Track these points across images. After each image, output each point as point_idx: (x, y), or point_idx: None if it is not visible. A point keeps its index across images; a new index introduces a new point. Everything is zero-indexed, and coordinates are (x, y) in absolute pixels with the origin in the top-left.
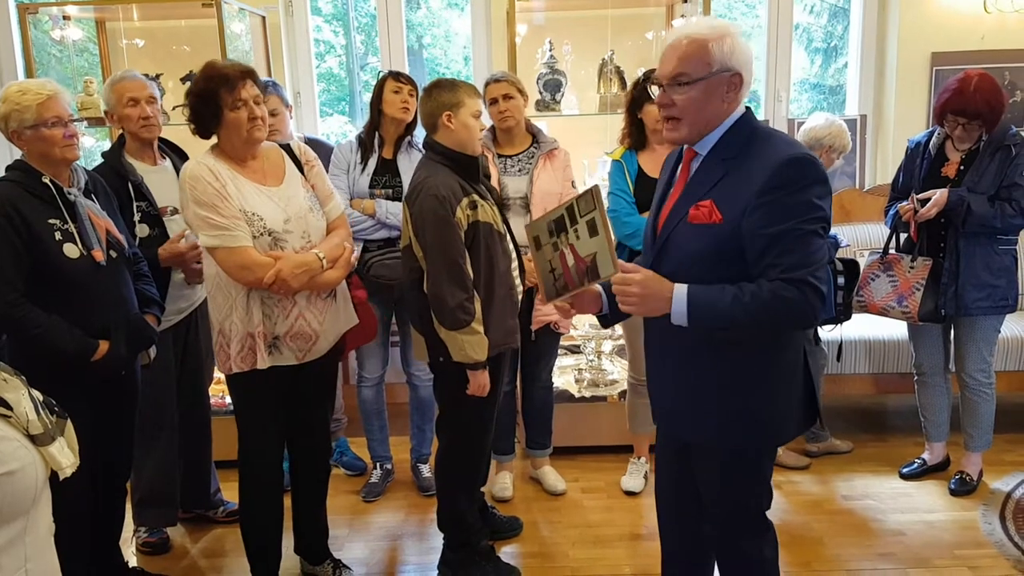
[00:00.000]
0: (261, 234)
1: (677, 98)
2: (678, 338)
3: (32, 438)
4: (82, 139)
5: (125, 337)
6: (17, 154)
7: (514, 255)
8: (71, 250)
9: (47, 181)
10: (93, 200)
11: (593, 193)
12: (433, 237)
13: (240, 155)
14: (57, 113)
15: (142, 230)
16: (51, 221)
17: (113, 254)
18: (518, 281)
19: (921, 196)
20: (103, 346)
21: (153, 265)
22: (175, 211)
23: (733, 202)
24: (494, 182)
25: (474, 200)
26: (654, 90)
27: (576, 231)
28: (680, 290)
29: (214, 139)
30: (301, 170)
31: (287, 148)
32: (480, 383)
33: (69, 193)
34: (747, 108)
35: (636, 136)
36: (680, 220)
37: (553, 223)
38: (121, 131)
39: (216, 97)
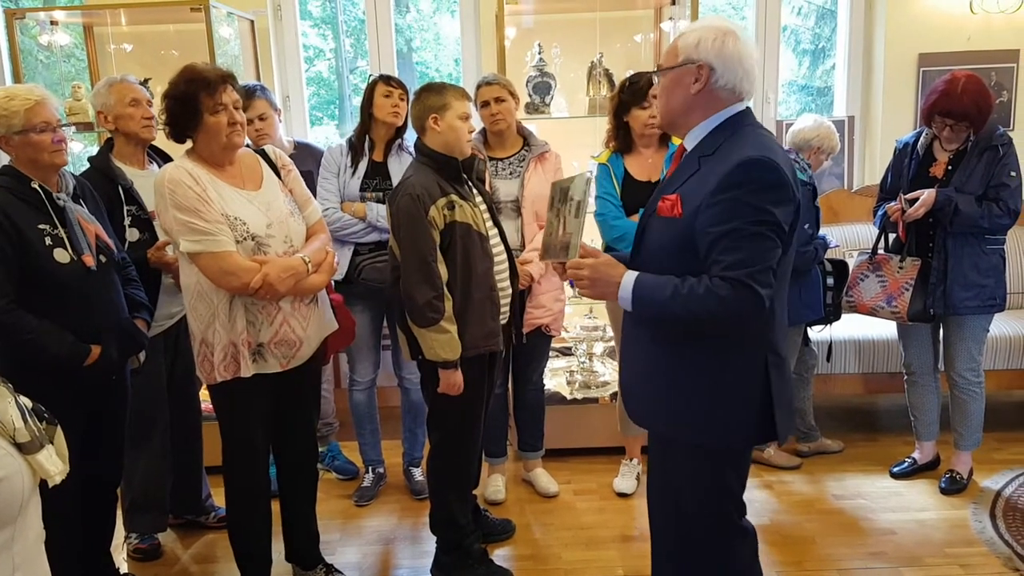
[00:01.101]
0: (244, 239)
1: (658, 86)
2: (643, 328)
3: (19, 446)
4: (70, 144)
5: (116, 342)
6: (5, 160)
7: (504, 257)
8: (61, 255)
9: (36, 186)
10: (82, 205)
11: (585, 179)
12: (405, 235)
13: (218, 160)
14: (45, 118)
15: (132, 234)
16: (41, 226)
17: (103, 259)
18: (507, 283)
19: (909, 196)
20: (95, 350)
21: (143, 269)
22: None
23: (693, 198)
24: (486, 185)
25: (452, 200)
26: None
27: (570, 207)
28: (628, 278)
29: (188, 144)
30: (278, 175)
31: (262, 153)
32: (451, 382)
33: (58, 198)
34: (746, 108)
35: (622, 139)
36: (652, 212)
37: (561, 190)
38: (110, 135)
39: (196, 100)
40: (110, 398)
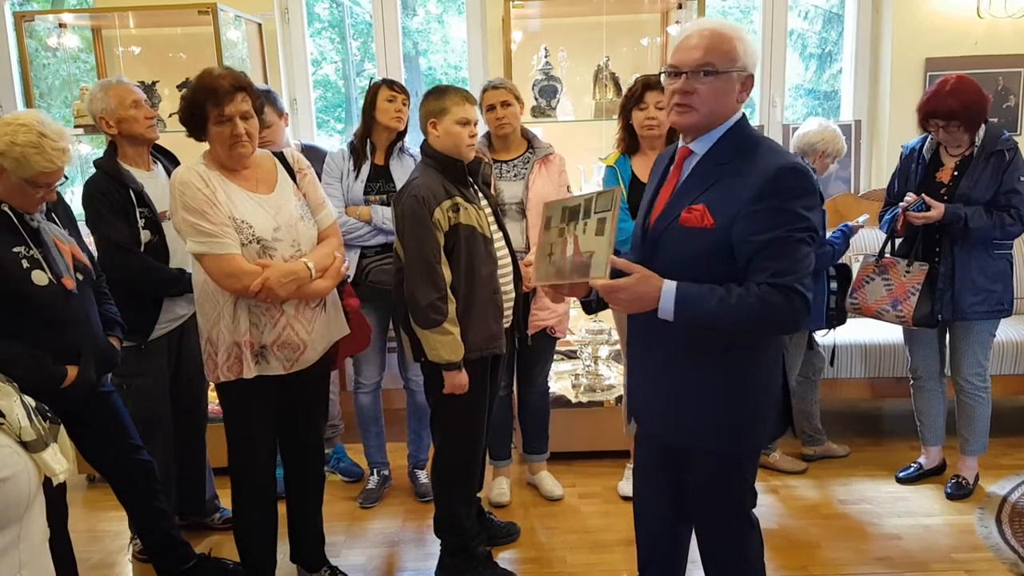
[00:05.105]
0: (250, 242)
1: (700, 87)
2: (662, 341)
3: (25, 444)
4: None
5: (94, 361)
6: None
7: (508, 260)
8: (39, 277)
9: (6, 209)
10: (55, 222)
11: (614, 194)
12: (409, 236)
13: (228, 164)
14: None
15: (144, 236)
16: (16, 249)
17: (80, 277)
18: (511, 286)
19: (929, 201)
20: (72, 373)
21: (151, 272)
22: None
23: (725, 207)
24: (491, 188)
25: (457, 203)
26: (663, 78)
27: (585, 224)
28: (669, 287)
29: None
30: (294, 178)
31: (280, 156)
32: (455, 383)
33: (32, 220)
34: (743, 113)
35: (629, 141)
36: (671, 222)
37: (568, 210)
38: (112, 138)
39: (203, 109)
40: (96, 413)
